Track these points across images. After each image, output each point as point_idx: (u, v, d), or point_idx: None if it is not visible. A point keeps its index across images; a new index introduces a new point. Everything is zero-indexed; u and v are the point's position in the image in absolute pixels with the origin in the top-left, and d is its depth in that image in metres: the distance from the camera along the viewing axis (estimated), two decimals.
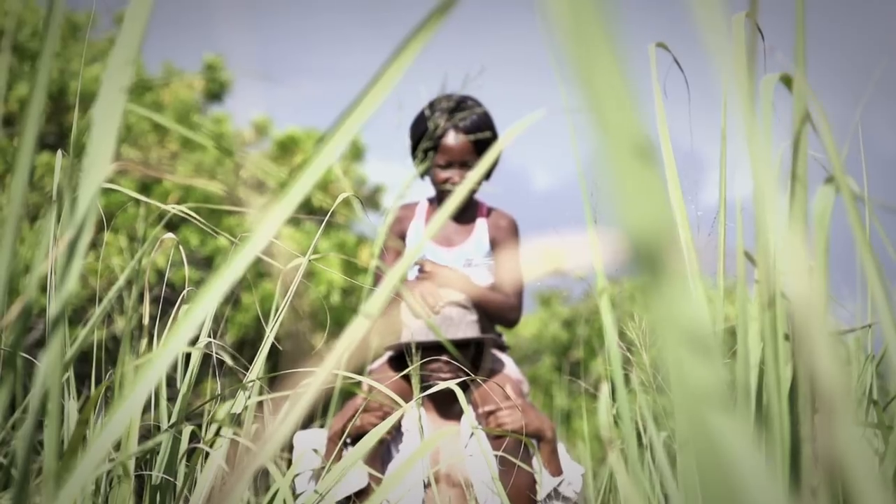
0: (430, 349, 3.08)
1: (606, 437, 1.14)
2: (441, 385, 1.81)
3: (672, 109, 1.11)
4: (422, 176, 3.35)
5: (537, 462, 3.06)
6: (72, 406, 1.70)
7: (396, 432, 3.11)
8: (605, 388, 1.11)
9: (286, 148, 13.10)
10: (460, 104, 3.25)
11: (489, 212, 3.39)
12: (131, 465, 1.56)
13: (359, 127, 0.64)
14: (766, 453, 0.93)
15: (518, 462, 2.87)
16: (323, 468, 2.99)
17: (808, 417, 0.91)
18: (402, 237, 3.40)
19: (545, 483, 3.03)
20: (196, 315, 0.67)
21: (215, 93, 13.93)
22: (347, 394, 4.11)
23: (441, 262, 3.29)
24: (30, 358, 1.79)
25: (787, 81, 0.87)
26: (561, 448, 3.18)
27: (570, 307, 16.93)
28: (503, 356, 3.35)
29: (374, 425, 2.98)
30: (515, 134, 0.80)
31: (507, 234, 3.34)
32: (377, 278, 3.24)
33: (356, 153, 13.63)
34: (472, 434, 3.08)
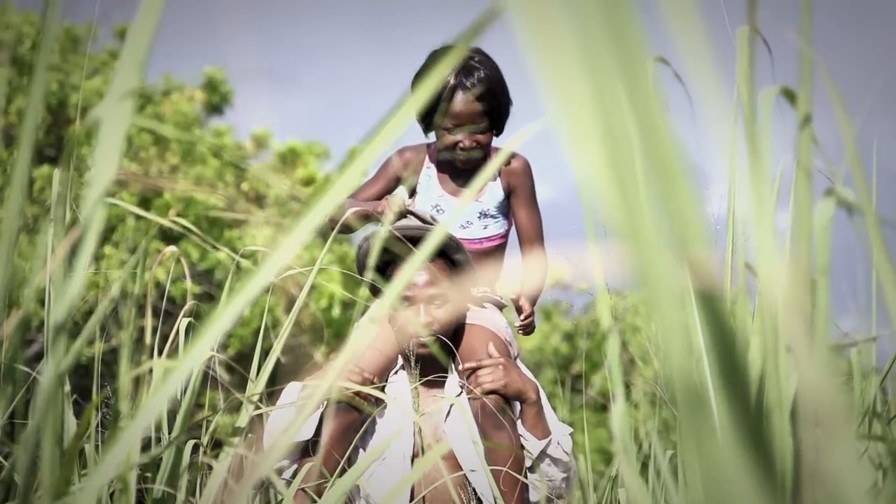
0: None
1: (616, 450, 1.13)
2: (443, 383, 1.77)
3: (679, 122, 1.11)
4: (426, 134, 3.16)
5: (522, 427, 2.91)
6: (70, 420, 1.70)
7: (377, 399, 2.94)
8: (617, 403, 1.10)
9: (287, 160, 13.12)
10: (466, 60, 3.02)
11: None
12: (132, 480, 1.56)
13: (385, 148, 0.64)
14: (767, 467, 0.93)
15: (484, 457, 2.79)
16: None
17: (810, 431, 0.90)
18: (397, 180, 3.21)
19: (532, 448, 2.88)
20: (210, 334, 0.67)
21: (216, 105, 13.96)
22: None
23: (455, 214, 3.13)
24: (29, 371, 1.79)
25: (787, 95, 0.87)
26: (548, 408, 3.00)
27: (572, 320, 16.94)
28: (496, 314, 3.18)
29: (351, 392, 2.80)
30: (517, 144, 0.80)
31: (521, 178, 3.15)
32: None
33: None
34: (453, 405, 2.94)
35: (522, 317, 3.08)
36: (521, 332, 3.12)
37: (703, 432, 0.43)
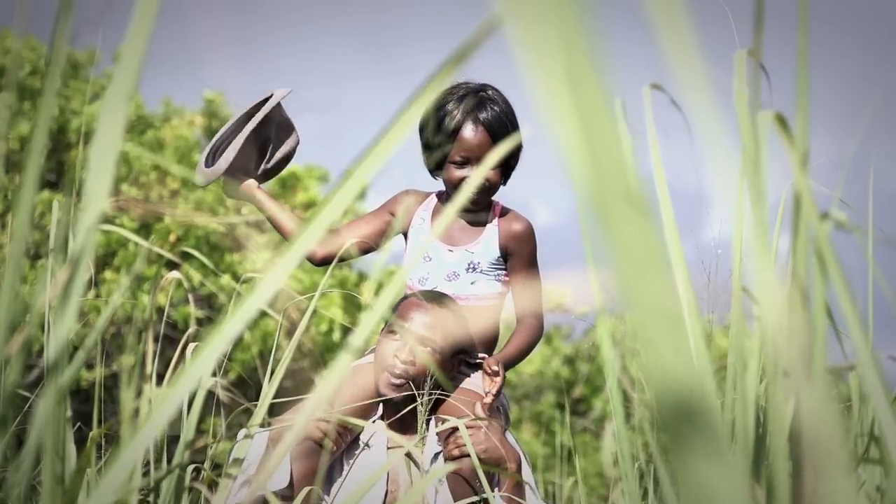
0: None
1: (610, 475, 1.13)
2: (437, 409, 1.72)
3: (677, 146, 1.11)
4: (433, 173, 2.96)
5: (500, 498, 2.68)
6: (70, 447, 1.70)
7: (351, 444, 2.79)
8: (609, 427, 1.10)
9: (287, 185, 13.13)
10: (478, 93, 2.84)
11: (503, 212, 2.95)
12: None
13: (372, 173, 0.65)
14: (767, 490, 0.93)
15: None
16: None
17: (808, 456, 0.90)
18: (395, 216, 3.05)
19: None
20: (206, 357, 0.67)
21: (216, 130, 14.00)
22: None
23: (443, 262, 2.94)
24: (28, 395, 1.79)
25: (781, 122, 0.87)
26: (531, 484, 2.77)
27: (572, 344, 16.94)
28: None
29: (320, 431, 2.65)
30: (504, 150, 0.81)
31: (520, 243, 2.92)
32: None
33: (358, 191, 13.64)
34: (435, 458, 2.75)
35: (493, 385, 2.77)
36: (486, 397, 2.79)
37: (693, 457, 0.43)
